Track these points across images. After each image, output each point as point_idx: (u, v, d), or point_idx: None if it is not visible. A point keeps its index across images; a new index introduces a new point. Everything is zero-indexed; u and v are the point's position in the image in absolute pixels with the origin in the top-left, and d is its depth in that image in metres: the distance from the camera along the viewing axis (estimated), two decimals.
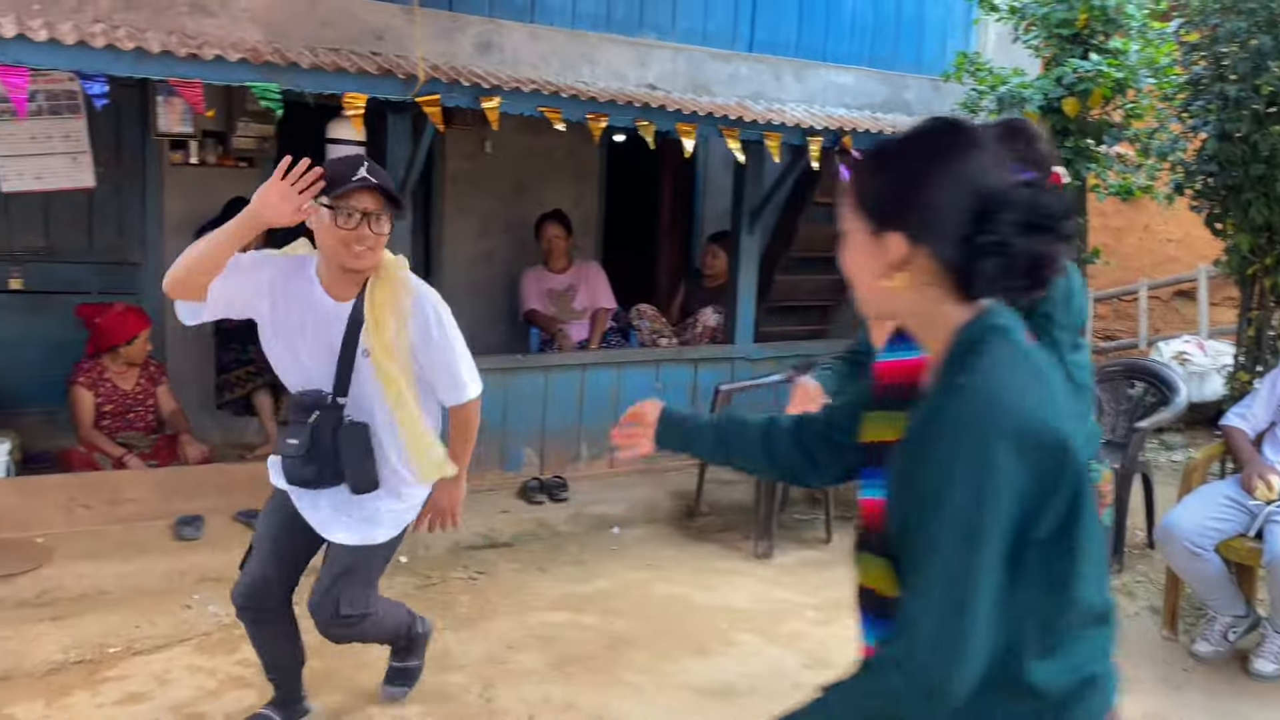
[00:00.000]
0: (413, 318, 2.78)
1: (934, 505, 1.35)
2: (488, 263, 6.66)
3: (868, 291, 1.53)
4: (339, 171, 2.61)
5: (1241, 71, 4.35)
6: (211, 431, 5.65)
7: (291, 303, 2.75)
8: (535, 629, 4.12)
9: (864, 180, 1.51)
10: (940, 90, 6.61)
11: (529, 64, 5.29)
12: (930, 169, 1.42)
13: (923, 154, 1.44)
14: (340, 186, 2.58)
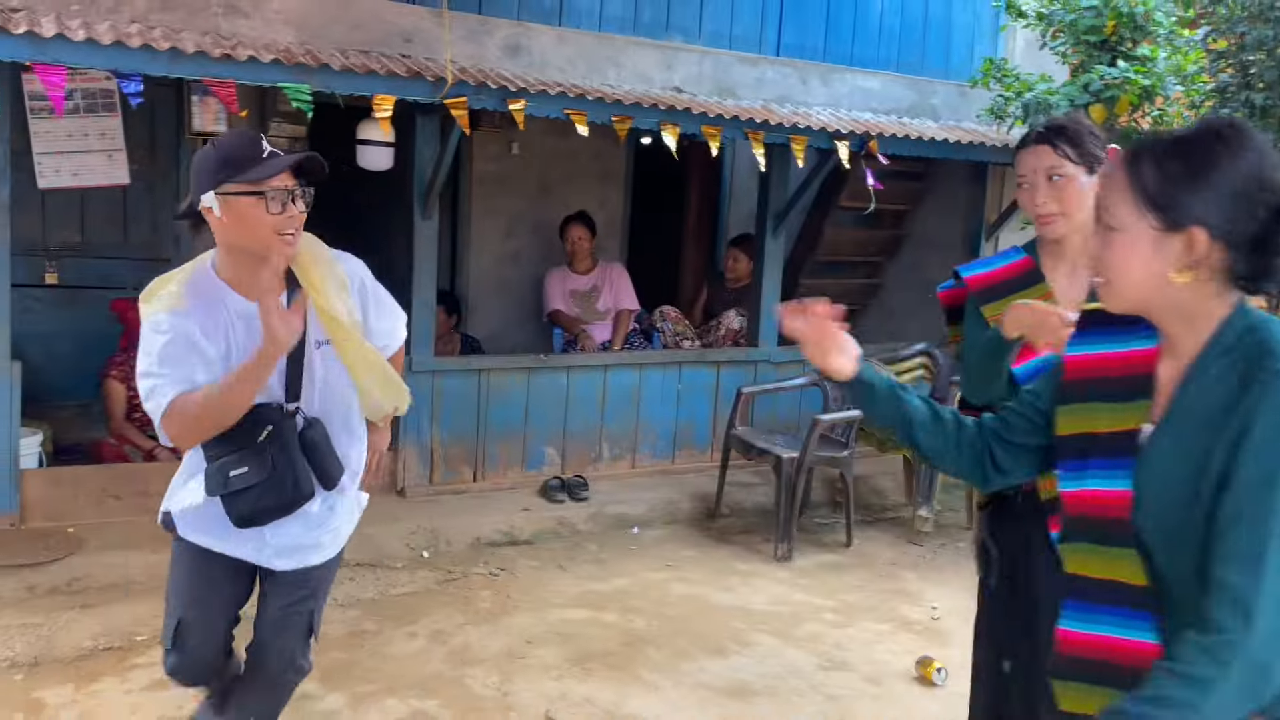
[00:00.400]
0: (350, 283, 2.48)
1: (1268, 489, 1.37)
2: (514, 263, 6.72)
3: (1140, 287, 1.51)
4: (243, 153, 2.24)
5: (1269, 80, 4.33)
6: None
7: (216, 330, 2.32)
8: (554, 625, 4.17)
9: (1152, 177, 1.48)
10: (967, 96, 6.61)
11: (556, 67, 5.34)
12: (1231, 167, 1.45)
13: (1222, 152, 1.45)
14: (256, 168, 2.21)
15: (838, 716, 3.58)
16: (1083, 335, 1.71)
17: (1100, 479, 1.58)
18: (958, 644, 4.17)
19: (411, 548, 4.89)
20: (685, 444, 6.01)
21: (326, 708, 3.46)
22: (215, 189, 2.22)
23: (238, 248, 2.28)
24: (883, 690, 3.80)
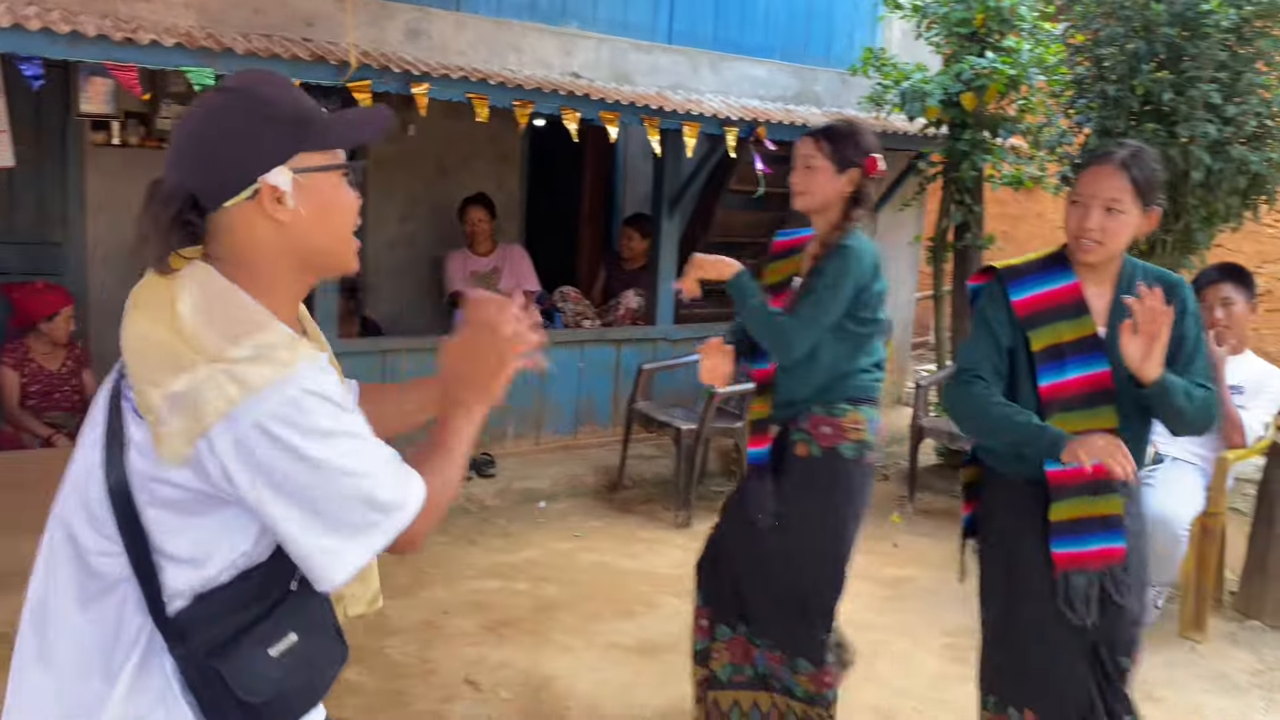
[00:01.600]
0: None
1: (1191, 338, 2.46)
2: (411, 245, 6.78)
3: (1121, 247, 2.46)
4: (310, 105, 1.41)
5: (1119, 73, 4.71)
6: None
7: None
8: (468, 595, 4.32)
9: (1140, 178, 2.41)
10: (848, 84, 6.93)
11: (456, 51, 5.43)
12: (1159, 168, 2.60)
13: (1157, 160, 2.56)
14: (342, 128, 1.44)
15: None
16: (1016, 285, 2.55)
17: (1079, 368, 2.47)
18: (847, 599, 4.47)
19: None
20: (588, 420, 6.20)
21: None
22: (289, 162, 1.37)
23: (301, 259, 1.41)
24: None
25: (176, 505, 1.31)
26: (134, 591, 1.33)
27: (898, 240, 7.49)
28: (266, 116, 1.36)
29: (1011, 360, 2.55)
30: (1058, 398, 2.47)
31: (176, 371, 1.26)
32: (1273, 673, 4.02)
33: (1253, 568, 4.54)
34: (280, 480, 1.28)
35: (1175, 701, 3.72)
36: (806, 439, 2.93)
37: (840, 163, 2.90)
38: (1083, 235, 2.44)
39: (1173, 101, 4.48)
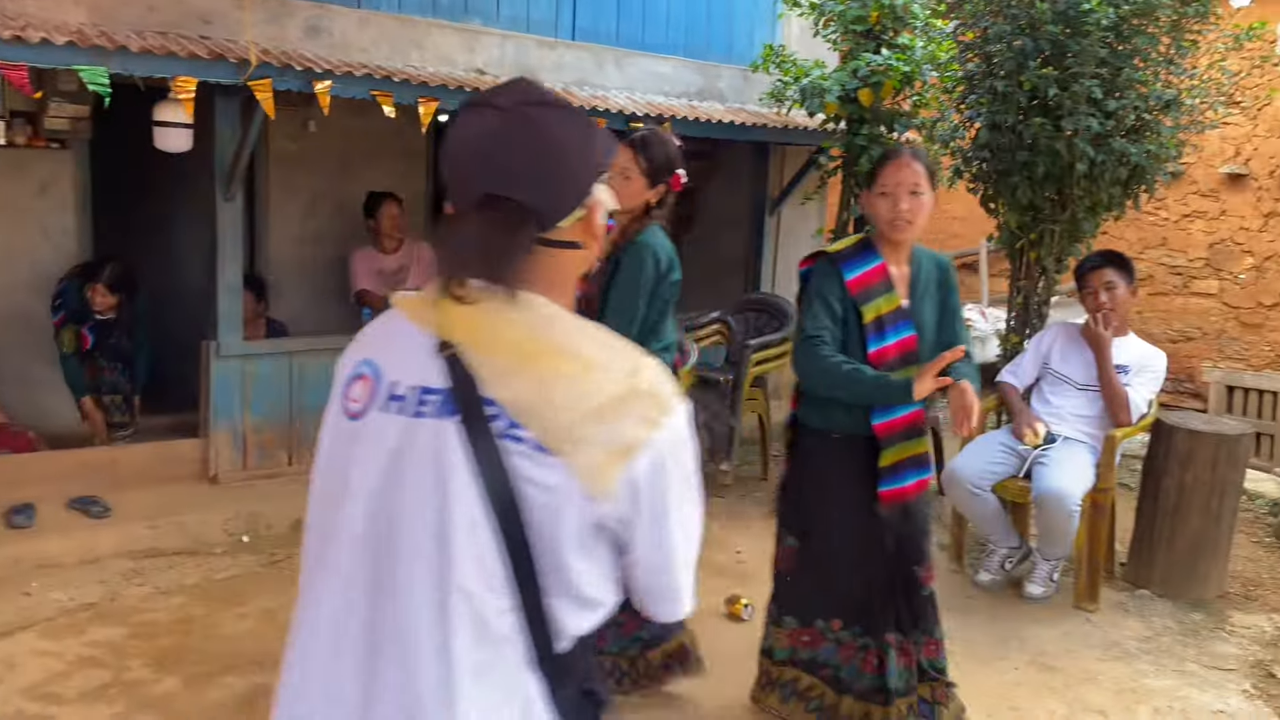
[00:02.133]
0: None
1: (957, 307, 3.16)
2: (316, 243, 6.67)
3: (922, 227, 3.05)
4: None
5: (1007, 69, 4.90)
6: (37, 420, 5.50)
7: None
8: None
9: (927, 166, 3.05)
10: (749, 80, 7.04)
11: (358, 48, 5.37)
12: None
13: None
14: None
15: None
16: (846, 266, 3.06)
17: (895, 335, 3.02)
18: (761, 583, 4.59)
19: (230, 533, 4.88)
20: None
21: (163, 690, 3.49)
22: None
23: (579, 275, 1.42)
24: (696, 627, 4.13)
25: (585, 542, 1.25)
26: (516, 648, 1.25)
27: (801, 233, 7.64)
28: (590, 128, 1.34)
29: (843, 331, 3.06)
30: (883, 361, 3.01)
31: (597, 402, 1.21)
32: (1160, 639, 4.25)
33: (1140, 539, 4.78)
34: (678, 503, 1.28)
35: (1071, 670, 3.91)
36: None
37: (653, 177, 3.20)
38: (897, 219, 2.98)
39: (1058, 96, 4.68)
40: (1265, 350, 7.87)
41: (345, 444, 1.33)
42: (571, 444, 1.20)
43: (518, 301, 1.27)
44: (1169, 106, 4.84)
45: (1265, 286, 7.84)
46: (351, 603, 1.29)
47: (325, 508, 1.35)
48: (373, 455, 1.29)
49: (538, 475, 1.21)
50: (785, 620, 3.30)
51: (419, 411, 1.27)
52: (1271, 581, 4.91)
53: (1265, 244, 7.82)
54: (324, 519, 1.35)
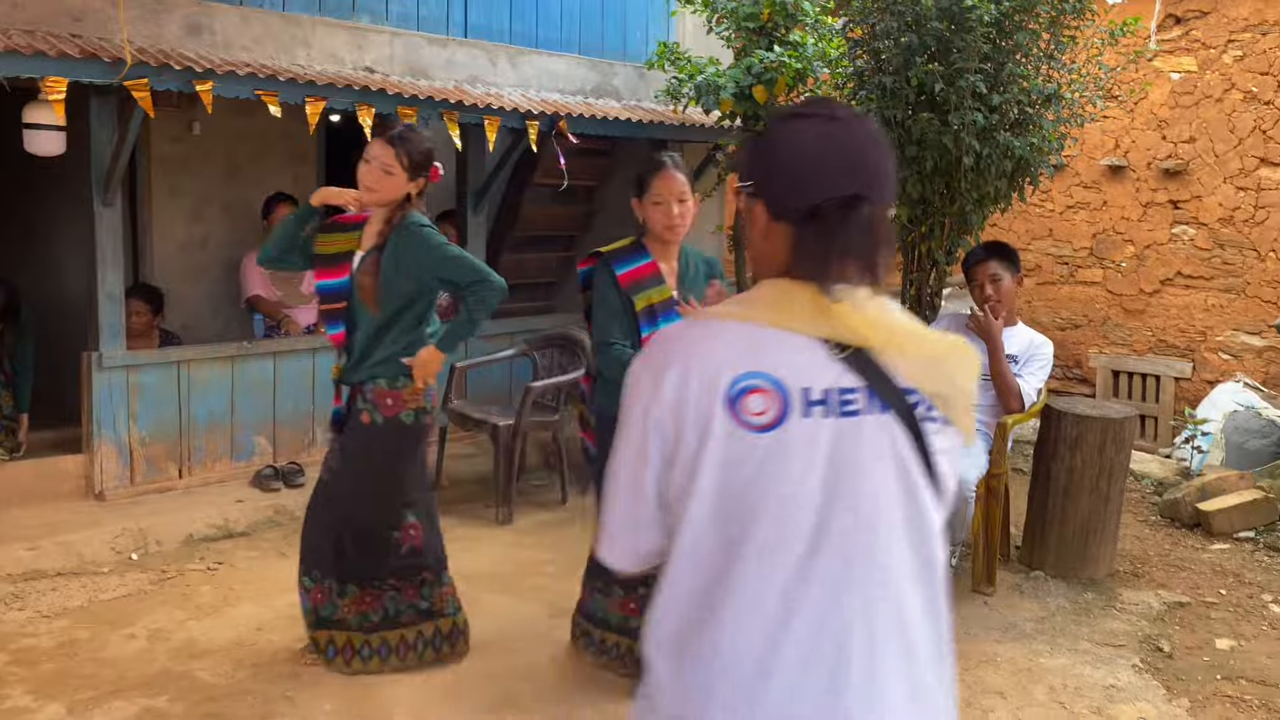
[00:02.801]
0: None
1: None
2: (203, 248, 6.46)
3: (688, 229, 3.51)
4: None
5: (895, 65, 4.98)
6: None
7: None
8: (282, 610, 4.17)
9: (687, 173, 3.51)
10: (645, 78, 7.04)
11: (241, 47, 5.21)
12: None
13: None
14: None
15: (566, 658, 3.86)
16: (618, 264, 3.48)
17: (665, 321, 3.40)
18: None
19: (118, 551, 4.69)
20: None
21: (45, 718, 3.33)
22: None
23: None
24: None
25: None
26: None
27: (701, 230, 7.66)
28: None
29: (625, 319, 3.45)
30: None
31: (969, 375, 1.45)
32: (1054, 618, 4.37)
33: (1033, 522, 4.92)
34: None
35: (970, 653, 4.00)
36: (371, 409, 3.49)
37: (413, 171, 3.47)
38: (671, 225, 3.42)
39: (944, 92, 4.77)
40: (1147, 335, 8.18)
41: (757, 457, 1.36)
42: (964, 413, 1.43)
43: (880, 296, 1.43)
44: (1050, 100, 4.98)
45: (1146, 274, 8.14)
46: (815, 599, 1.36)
47: (737, 523, 1.37)
48: (806, 458, 1.36)
49: (944, 445, 1.42)
50: (614, 590, 3.66)
51: (847, 411, 1.38)
52: (1158, 559, 5.10)
53: (1145, 233, 8.12)
54: (739, 533, 1.37)
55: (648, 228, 3.49)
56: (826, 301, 1.39)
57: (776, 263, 1.46)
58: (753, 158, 1.51)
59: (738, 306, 1.47)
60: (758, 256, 1.52)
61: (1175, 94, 7.85)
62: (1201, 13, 7.71)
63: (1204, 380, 7.81)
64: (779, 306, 1.42)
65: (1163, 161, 7.93)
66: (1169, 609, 4.51)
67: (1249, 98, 7.55)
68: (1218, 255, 7.79)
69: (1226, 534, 5.37)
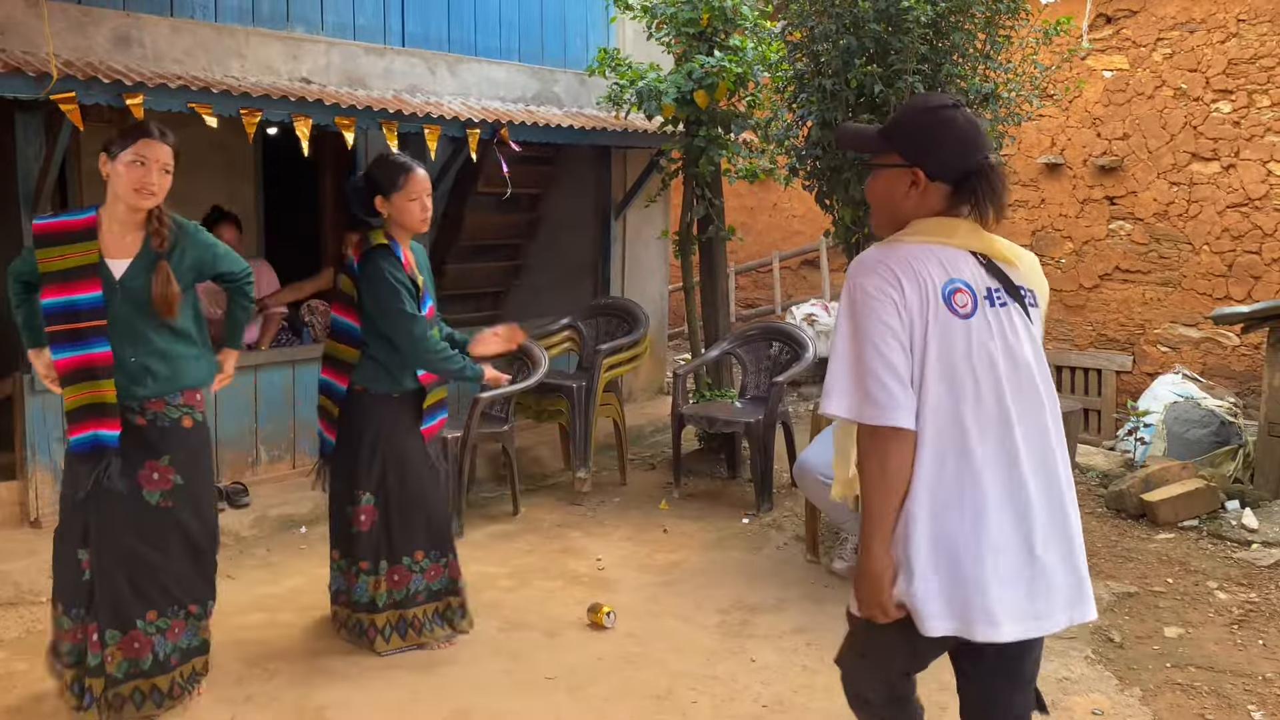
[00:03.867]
0: None
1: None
2: None
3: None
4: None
5: (834, 68, 5.01)
6: None
7: None
8: (230, 634, 4.07)
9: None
10: (586, 84, 7.02)
11: (173, 59, 5.10)
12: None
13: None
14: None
15: (521, 671, 3.81)
16: (398, 250, 3.80)
17: (427, 305, 3.89)
18: (623, 590, 4.56)
19: None
20: None
21: None
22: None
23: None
24: (560, 640, 4.09)
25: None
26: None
27: (646, 236, 7.67)
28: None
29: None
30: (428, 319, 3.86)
31: (1041, 274, 2.30)
32: None
33: None
34: None
35: None
36: (189, 411, 3.42)
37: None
38: (425, 218, 3.80)
39: (884, 93, 4.81)
40: (1088, 330, 8.32)
41: (962, 335, 2.07)
42: (1044, 301, 2.28)
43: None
44: (988, 100, 5.04)
45: (1085, 269, 8.28)
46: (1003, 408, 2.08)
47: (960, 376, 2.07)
48: (989, 333, 2.09)
49: (1039, 321, 2.23)
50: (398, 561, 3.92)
51: (1000, 302, 2.13)
52: (1106, 550, 5.17)
53: (1083, 229, 8.26)
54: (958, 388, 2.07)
55: (398, 221, 3.78)
56: (977, 227, 2.16)
57: (929, 210, 2.17)
58: (914, 138, 2.17)
59: (920, 236, 2.14)
60: (907, 210, 2.19)
61: (1108, 92, 8.01)
62: (1131, 11, 7.88)
63: (1144, 373, 7.97)
64: (948, 233, 2.15)
65: (1098, 158, 8.08)
66: (1118, 599, 4.56)
67: (1179, 94, 7.72)
68: (1154, 249, 7.95)
69: (1171, 523, 5.46)
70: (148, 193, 3.24)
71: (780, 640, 4.07)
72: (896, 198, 2.19)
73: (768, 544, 5.16)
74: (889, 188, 2.21)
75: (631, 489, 6.14)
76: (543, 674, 3.78)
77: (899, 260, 2.08)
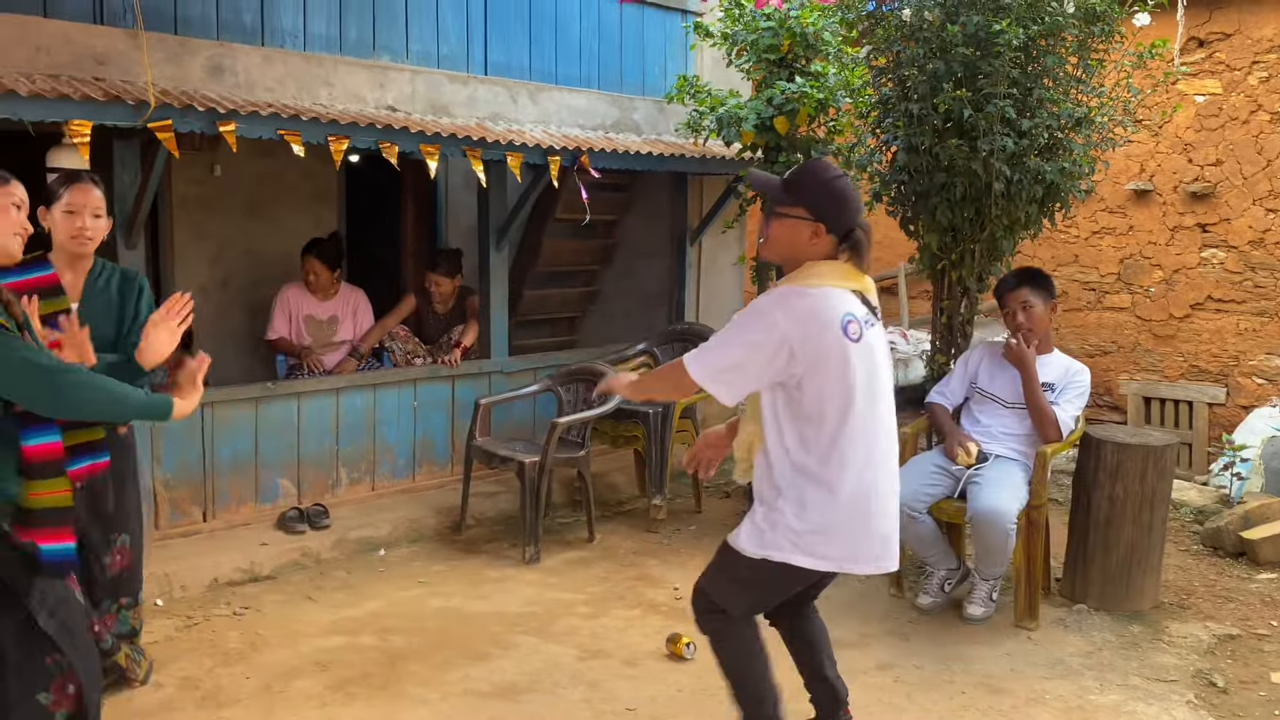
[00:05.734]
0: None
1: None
2: (224, 289, 6.46)
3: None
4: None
5: (921, 92, 4.92)
6: None
7: None
8: (311, 655, 4.09)
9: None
10: (664, 111, 7.03)
11: (264, 87, 5.20)
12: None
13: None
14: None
15: (600, 700, 3.77)
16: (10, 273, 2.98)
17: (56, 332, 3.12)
18: None
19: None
20: (425, 460, 6.02)
21: None
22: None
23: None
24: (640, 670, 4.03)
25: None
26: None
27: (723, 262, 7.63)
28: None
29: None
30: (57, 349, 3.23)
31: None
32: (1101, 653, 4.24)
33: (1074, 554, 4.80)
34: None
35: (1018, 691, 3.88)
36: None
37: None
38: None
39: (972, 118, 4.71)
40: (1179, 361, 8.06)
41: (853, 355, 2.75)
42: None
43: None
44: (1080, 124, 4.91)
45: (1175, 299, 8.04)
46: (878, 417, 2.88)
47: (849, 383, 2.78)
48: (871, 352, 2.81)
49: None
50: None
51: (870, 324, 2.83)
52: (1204, 589, 4.97)
53: (1173, 257, 8.03)
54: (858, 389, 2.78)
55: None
56: (856, 270, 2.84)
57: (820, 254, 2.82)
58: (821, 200, 2.81)
59: (820, 279, 2.79)
60: (804, 253, 2.83)
61: (1200, 117, 7.79)
62: (1224, 35, 7.66)
63: (1238, 405, 7.69)
64: (839, 276, 2.81)
65: (1189, 185, 7.85)
66: (1219, 642, 4.38)
67: (1276, 119, 7.48)
68: (1249, 278, 7.69)
69: (1273, 563, 5.23)
70: (84, 239, 3.39)
71: (865, 676, 3.96)
72: (799, 243, 2.82)
73: (849, 578, 5.05)
74: (793, 233, 2.83)
75: (707, 516, 6.07)
76: (623, 704, 3.73)
77: (810, 301, 2.75)
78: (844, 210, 2.81)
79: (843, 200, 2.82)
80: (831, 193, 2.81)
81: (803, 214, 2.80)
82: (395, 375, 5.95)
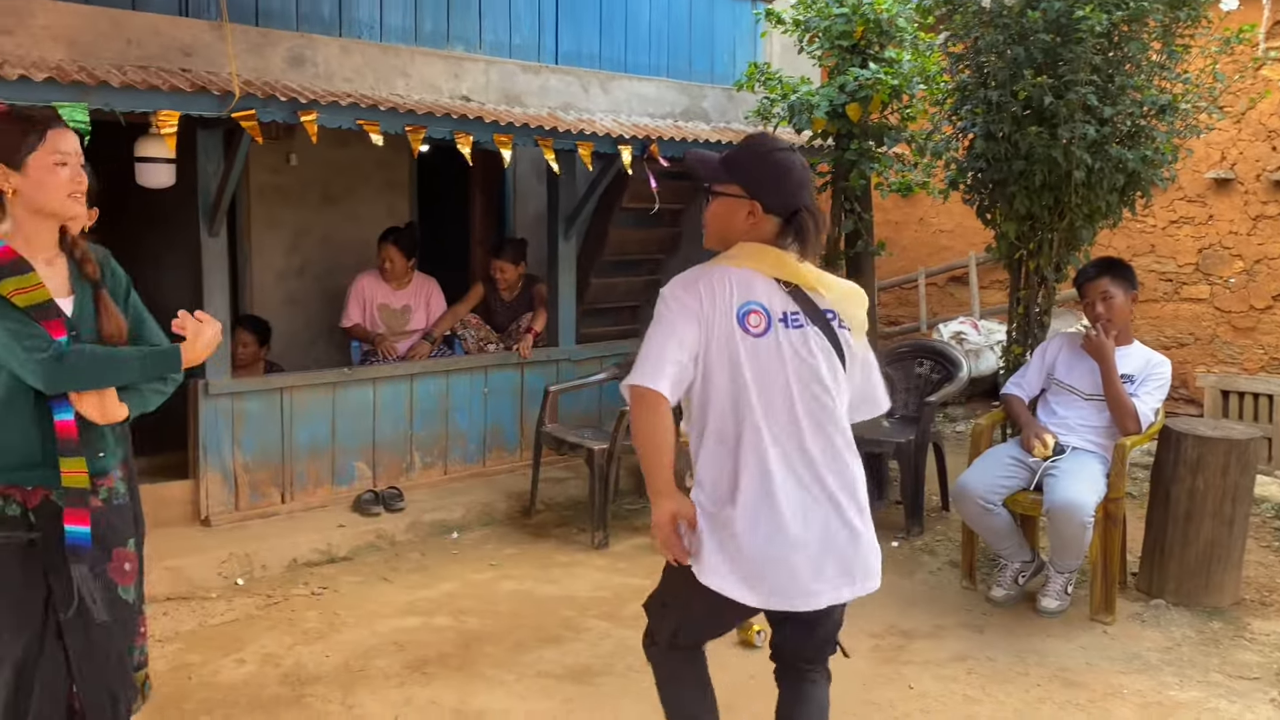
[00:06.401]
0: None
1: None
2: (299, 277, 6.58)
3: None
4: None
5: (1001, 79, 4.85)
6: None
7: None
8: (388, 635, 4.18)
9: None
10: (734, 99, 7.01)
11: (342, 77, 5.30)
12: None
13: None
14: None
15: None
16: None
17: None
18: None
19: (225, 576, 4.75)
20: (496, 446, 6.10)
21: None
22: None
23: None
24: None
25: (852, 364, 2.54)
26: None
27: None
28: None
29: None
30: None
31: (857, 302, 2.52)
32: (1180, 649, 4.17)
33: (1152, 547, 4.72)
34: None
35: (1094, 685, 3.83)
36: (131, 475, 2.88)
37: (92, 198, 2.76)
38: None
39: (1053, 105, 4.63)
40: (1259, 353, 7.86)
41: (751, 350, 2.39)
42: (857, 323, 2.51)
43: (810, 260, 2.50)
44: (1164, 111, 4.81)
45: (1256, 290, 7.83)
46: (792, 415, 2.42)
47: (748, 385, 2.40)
48: (778, 351, 2.40)
49: (848, 340, 2.50)
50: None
51: (797, 324, 2.43)
52: None
53: (1254, 247, 7.81)
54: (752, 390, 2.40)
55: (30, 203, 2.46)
56: (788, 258, 2.45)
57: (760, 237, 2.47)
58: (756, 176, 2.47)
59: (732, 260, 2.44)
60: (739, 234, 2.48)
61: None
62: None
63: None
64: (759, 259, 2.44)
65: (1273, 173, 7.63)
66: None
67: None
68: None
69: None
70: (80, 194, 2.49)
71: (940, 668, 3.94)
72: (734, 223, 2.50)
73: (920, 569, 5.02)
74: (729, 213, 2.50)
75: None
76: None
77: (706, 282, 2.40)
78: (782, 186, 2.45)
79: (781, 175, 2.45)
80: (768, 166, 2.46)
81: (737, 191, 2.47)
82: (467, 362, 6.03)
